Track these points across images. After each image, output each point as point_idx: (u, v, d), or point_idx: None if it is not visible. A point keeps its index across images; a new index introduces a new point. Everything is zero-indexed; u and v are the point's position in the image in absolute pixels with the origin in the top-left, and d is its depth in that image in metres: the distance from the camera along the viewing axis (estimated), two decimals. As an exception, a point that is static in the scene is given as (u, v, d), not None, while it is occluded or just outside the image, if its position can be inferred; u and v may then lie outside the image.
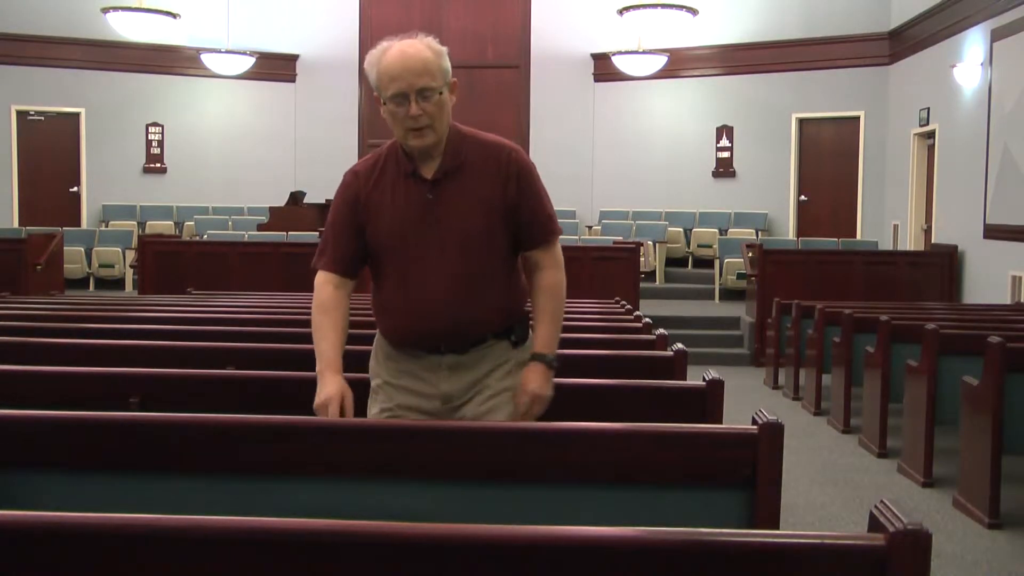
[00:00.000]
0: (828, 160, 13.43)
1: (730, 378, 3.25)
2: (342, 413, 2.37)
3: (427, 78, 2.38)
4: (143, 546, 1.45)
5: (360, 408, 2.55)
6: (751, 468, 2.01)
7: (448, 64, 2.45)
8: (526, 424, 2.36)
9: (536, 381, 2.50)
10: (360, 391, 2.68)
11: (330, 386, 2.40)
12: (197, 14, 14.44)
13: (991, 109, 9.27)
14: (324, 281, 2.54)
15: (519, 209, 2.50)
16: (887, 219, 12.52)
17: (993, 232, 9.18)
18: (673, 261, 13.70)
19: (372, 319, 2.62)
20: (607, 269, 9.43)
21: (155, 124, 14.84)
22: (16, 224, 13.76)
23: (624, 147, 14.66)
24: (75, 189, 14.56)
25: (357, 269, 2.58)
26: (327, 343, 2.47)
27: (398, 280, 2.50)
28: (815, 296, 8.67)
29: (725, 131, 14.14)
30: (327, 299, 2.51)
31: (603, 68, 14.67)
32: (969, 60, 9.84)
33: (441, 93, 2.40)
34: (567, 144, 14.55)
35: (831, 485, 5.27)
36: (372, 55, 2.47)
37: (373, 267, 2.57)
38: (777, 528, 1.99)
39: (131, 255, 12.50)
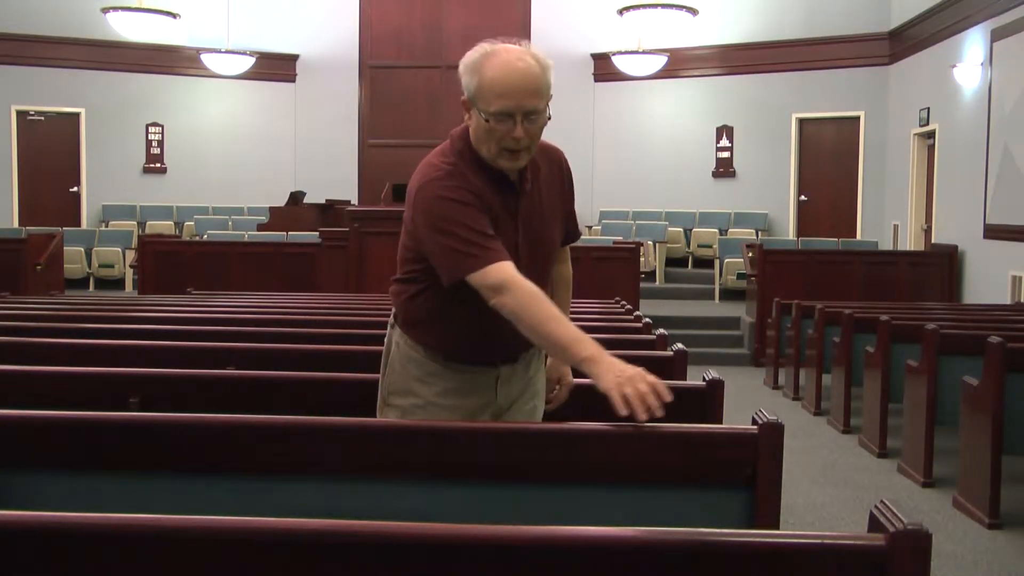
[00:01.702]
0: (828, 160, 13.43)
1: (730, 378, 3.25)
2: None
3: (536, 99, 2.20)
4: (143, 546, 1.45)
5: (371, 412, 2.55)
6: (751, 468, 2.00)
7: (552, 79, 2.28)
8: (527, 424, 2.36)
9: (570, 372, 2.54)
10: (371, 392, 2.68)
11: (625, 363, 2.05)
12: (197, 14, 14.44)
13: (991, 109, 9.27)
14: (514, 274, 2.17)
15: (567, 208, 2.51)
16: (887, 219, 12.52)
17: (993, 232, 9.18)
18: (673, 261, 13.70)
19: (381, 319, 2.58)
20: (607, 269, 9.43)
21: (155, 124, 14.85)
22: (16, 224, 13.77)
23: (624, 147, 14.66)
24: (75, 189, 14.57)
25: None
26: (571, 328, 2.15)
27: (480, 296, 2.25)
28: (815, 296, 8.67)
29: (725, 131, 14.15)
30: (534, 288, 2.17)
31: (603, 68, 14.67)
32: (969, 60, 9.84)
33: (549, 117, 2.24)
34: (567, 144, 14.38)
35: (831, 485, 5.27)
36: (472, 59, 2.23)
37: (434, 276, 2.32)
38: (777, 528, 1.99)
39: (131, 255, 12.50)
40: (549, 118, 2.25)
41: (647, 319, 4.90)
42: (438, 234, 2.23)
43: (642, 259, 10.44)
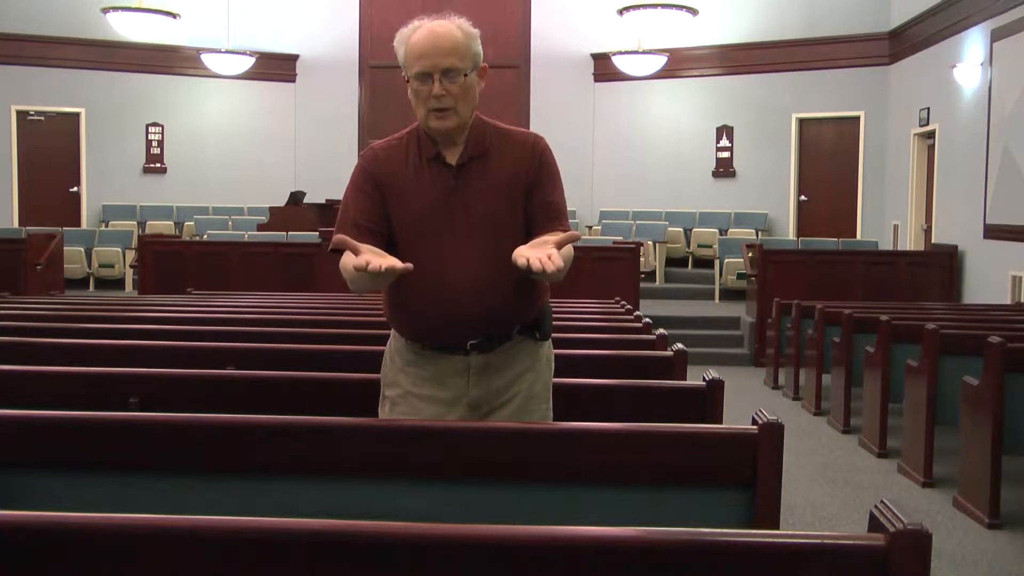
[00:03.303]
0: (828, 160, 13.43)
1: (730, 378, 3.25)
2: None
3: (454, 58, 2.32)
4: (143, 546, 1.45)
5: (371, 412, 2.55)
6: (751, 468, 2.00)
7: (479, 48, 2.39)
8: (527, 424, 2.36)
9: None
10: (371, 392, 2.68)
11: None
12: (197, 14, 14.44)
13: (991, 109, 9.27)
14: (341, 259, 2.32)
15: (534, 191, 2.42)
16: (887, 219, 12.52)
17: (993, 232, 9.18)
18: (673, 261, 13.70)
19: (382, 319, 2.58)
20: (607, 269, 9.43)
21: (155, 124, 14.84)
22: (16, 224, 13.76)
23: (624, 147, 14.66)
24: (75, 189, 14.57)
25: (381, 245, 2.35)
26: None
27: (422, 269, 2.34)
28: (815, 296, 8.67)
29: (725, 131, 14.15)
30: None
31: (603, 68, 14.67)
32: (969, 60, 9.84)
33: (466, 75, 2.34)
34: (567, 144, 14.50)
35: (831, 485, 5.27)
36: (402, 33, 2.39)
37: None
38: (777, 528, 1.99)
39: (131, 255, 12.50)
40: (466, 76, 2.33)
41: (647, 319, 4.90)
42: (342, 202, 2.47)
43: (642, 259, 10.44)
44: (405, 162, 2.42)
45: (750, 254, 10.61)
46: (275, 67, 15.07)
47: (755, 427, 2.03)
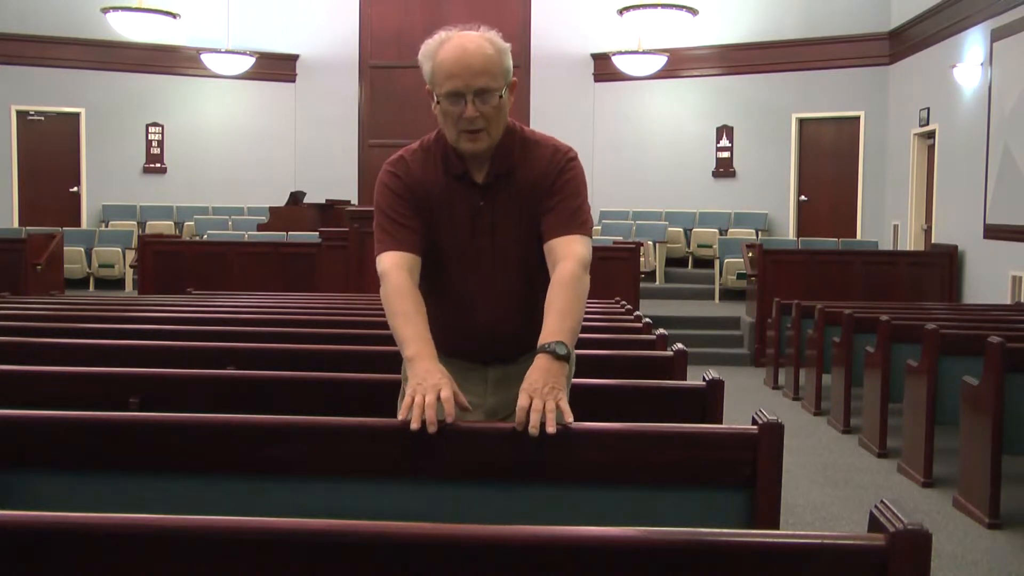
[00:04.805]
0: (828, 160, 13.44)
1: (730, 378, 3.25)
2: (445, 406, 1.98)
3: (487, 78, 2.18)
4: (143, 546, 1.45)
5: (371, 412, 2.54)
6: (751, 468, 2.00)
7: (510, 62, 2.26)
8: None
9: (531, 377, 2.06)
10: (371, 392, 2.68)
11: (436, 373, 2.03)
12: (197, 14, 14.44)
13: (991, 109, 9.27)
14: (394, 265, 2.22)
15: (548, 197, 2.29)
16: (887, 219, 12.53)
17: (993, 232, 9.18)
18: (673, 261, 13.70)
19: (382, 319, 2.55)
20: (607, 269, 9.41)
21: (155, 124, 14.85)
22: (16, 224, 13.77)
23: (624, 147, 14.67)
24: (75, 189, 14.57)
25: (423, 251, 2.28)
26: (413, 327, 2.13)
27: (446, 291, 2.31)
28: (815, 296, 8.67)
29: (725, 131, 14.15)
30: (402, 283, 2.19)
31: (603, 68, 14.68)
32: (969, 60, 9.84)
33: (501, 96, 2.20)
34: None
35: (831, 485, 5.27)
36: (428, 45, 2.25)
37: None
38: (777, 528, 1.99)
39: (131, 255, 12.50)
40: (501, 97, 2.21)
41: (647, 319, 4.90)
42: (374, 215, 2.34)
43: (642, 259, 10.44)
44: (435, 177, 2.31)
45: (750, 254, 10.61)
46: (275, 67, 15.07)
47: (755, 427, 2.02)
